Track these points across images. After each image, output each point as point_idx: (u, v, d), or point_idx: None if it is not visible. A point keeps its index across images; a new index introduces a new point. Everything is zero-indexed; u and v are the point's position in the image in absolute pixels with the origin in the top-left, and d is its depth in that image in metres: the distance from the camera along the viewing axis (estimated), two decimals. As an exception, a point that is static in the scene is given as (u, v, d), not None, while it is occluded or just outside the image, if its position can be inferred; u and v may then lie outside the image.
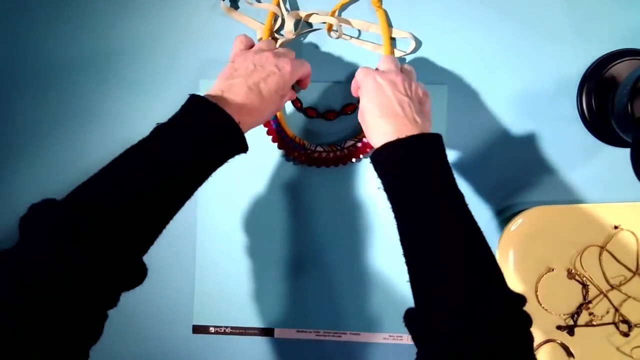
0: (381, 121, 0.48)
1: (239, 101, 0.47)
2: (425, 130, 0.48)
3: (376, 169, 0.48)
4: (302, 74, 0.54)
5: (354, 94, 0.56)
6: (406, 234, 0.45)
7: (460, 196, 0.45)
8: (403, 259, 0.45)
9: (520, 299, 0.41)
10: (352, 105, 0.61)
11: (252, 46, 0.54)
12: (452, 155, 0.61)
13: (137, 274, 0.42)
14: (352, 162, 0.61)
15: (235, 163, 0.62)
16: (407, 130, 0.47)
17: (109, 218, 0.39)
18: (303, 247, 0.63)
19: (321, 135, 0.62)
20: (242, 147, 0.48)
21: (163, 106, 0.63)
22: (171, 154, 0.43)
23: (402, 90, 0.49)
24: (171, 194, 0.44)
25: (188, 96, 0.47)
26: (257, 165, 0.62)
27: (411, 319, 0.43)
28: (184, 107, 0.46)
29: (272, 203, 0.61)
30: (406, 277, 0.64)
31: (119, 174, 0.42)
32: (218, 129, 0.45)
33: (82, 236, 0.37)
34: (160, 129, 0.45)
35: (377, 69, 0.52)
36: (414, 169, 0.45)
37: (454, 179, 0.46)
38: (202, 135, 0.44)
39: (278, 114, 0.61)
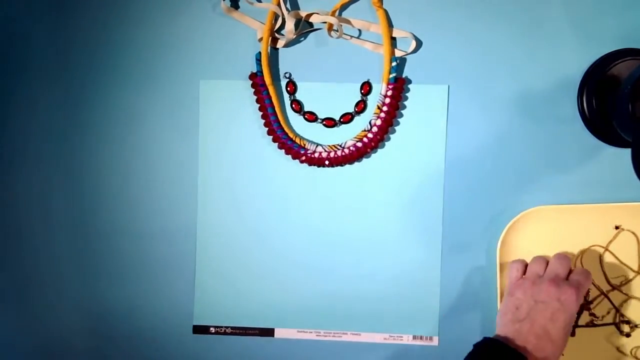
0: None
1: (530, 349, 0.48)
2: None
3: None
4: (586, 290, 0.54)
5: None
6: None
7: None
8: (402, 259, 0.45)
9: None
10: (349, 115, 0.61)
11: (526, 267, 0.56)
12: (452, 155, 0.61)
13: None
14: (353, 163, 0.62)
15: (236, 163, 0.63)
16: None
17: None
18: (303, 247, 0.63)
19: (322, 136, 0.62)
20: None
21: (163, 106, 0.63)
22: None
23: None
24: None
25: (482, 339, 0.49)
26: (257, 165, 0.62)
27: None
28: (479, 350, 0.48)
29: (272, 203, 0.61)
30: (407, 277, 0.64)
31: None
32: None
33: None
34: None
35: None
36: None
37: None
38: None
39: (279, 114, 0.61)
